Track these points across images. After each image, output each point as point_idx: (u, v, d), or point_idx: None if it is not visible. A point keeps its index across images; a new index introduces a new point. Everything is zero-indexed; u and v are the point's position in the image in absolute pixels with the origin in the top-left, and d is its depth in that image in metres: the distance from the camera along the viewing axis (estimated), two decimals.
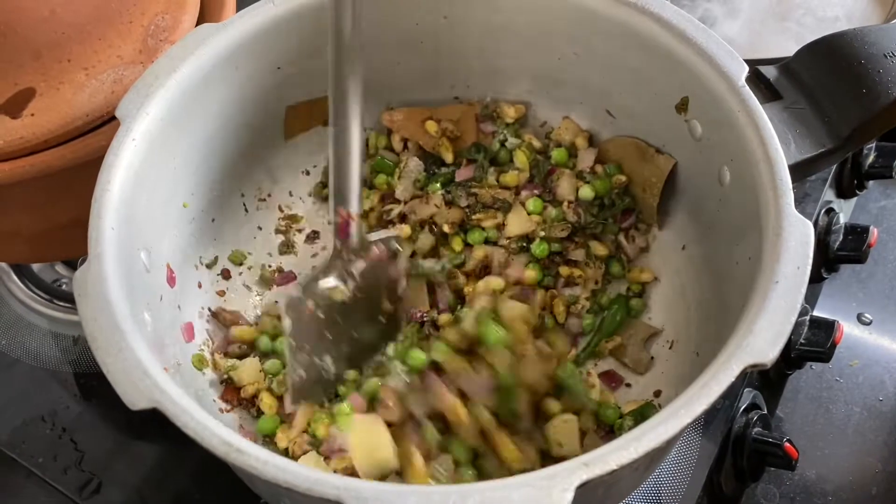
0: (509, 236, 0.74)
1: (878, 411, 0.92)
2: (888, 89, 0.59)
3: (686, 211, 0.70)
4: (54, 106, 0.65)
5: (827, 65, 0.62)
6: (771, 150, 0.55)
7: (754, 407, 0.81)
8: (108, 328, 0.49)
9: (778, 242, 0.50)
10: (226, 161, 0.71)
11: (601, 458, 0.42)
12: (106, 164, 0.57)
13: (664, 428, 0.44)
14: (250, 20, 0.66)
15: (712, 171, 0.63)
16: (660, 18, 0.63)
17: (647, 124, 0.71)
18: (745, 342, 0.46)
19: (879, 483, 0.87)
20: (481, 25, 0.73)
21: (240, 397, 0.67)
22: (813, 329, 0.84)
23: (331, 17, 0.59)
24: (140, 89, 0.60)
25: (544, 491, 0.41)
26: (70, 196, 0.68)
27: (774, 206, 0.52)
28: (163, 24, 0.71)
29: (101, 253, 0.52)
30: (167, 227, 0.64)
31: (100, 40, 0.68)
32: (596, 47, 0.69)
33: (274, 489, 0.51)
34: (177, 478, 0.76)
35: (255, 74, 0.68)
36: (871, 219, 1.07)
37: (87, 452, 0.78)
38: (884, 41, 0.62)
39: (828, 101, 0.61)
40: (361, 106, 0.62)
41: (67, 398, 0.82)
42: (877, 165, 0.98)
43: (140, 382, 0.46)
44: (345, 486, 0.42)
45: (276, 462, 0.43)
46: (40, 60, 0.66)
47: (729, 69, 0.59)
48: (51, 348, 0.87)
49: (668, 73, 0.64)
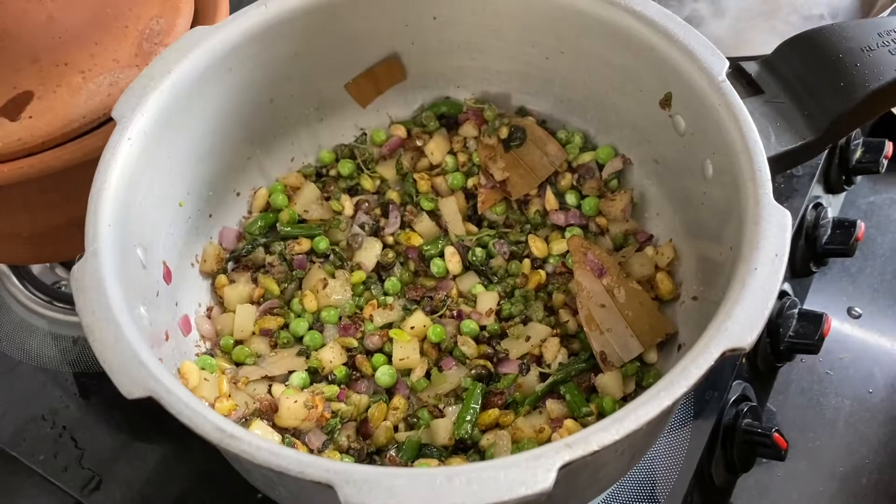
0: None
1: (869, 403, 0.93)
2: (865, 82, 0.61)
3: (673, 205, 0.71)
4: (52, 108, 0.67)
5: (806, 59, 0.64)
6: (750, 141, 0.56)
7: (744, 398, 0.82)
8: (104, 321, 0.50)
9: (756, 231, 0.52)
10: (221, 160, 0.73)
11: (584, 439, 0.43)
12: (102, 163, 0.58)
13: (645, 410, 0.45)
14: (243, 22, 0.67)
15: (696, 164, 0.64)
16: (643, 16, 0.64)
17: (633, 120, 0.72)
18: (724, 326, 0.48)
19: (870, 473, 0.89)
20: (470, 26, 0.74)
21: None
22: (802, 322, 0.85)
23: None
24: (135, 90, 0.62)
25: (530, 471, 0.43)
26: (68, 197, 0.69)
27: (754, 196, 0.54)
28: (157, 27, 0.73)
29: (97, 249, 0.54)
30: (163, 226, 0.66)
31: (96, 44, 0.70)
32: (582, 46, 0.71)
33: (267, 476, 0.53)
34: (177, 475, 0.77)
35: (248, 75, 0.70)
36: (860, 214, 1.08)
37: (87, 450, 0.79)
38: (861, 36, 0.63)
39: (807, 95, 0.63)
40: None
41: (67, 398, 0.84)
42: (864, 160, 0.99)
43: (136, 372, 0.48)
44: (335, 469, 0.43)
45: (269, 447, 0.45)
46: (38, 64, 0.68)
47: (710, 64, 0.61)
48: (51, 349, 0.88)
49: (652, 69, 0.66)
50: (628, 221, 0.74)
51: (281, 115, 0.77)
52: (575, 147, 0.77)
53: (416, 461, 0.63)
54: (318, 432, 0.64)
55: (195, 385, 0.61)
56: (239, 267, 0.75)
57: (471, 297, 0.73)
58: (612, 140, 0.77)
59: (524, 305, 0.71)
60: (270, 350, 0.70)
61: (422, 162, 0.80)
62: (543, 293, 0.73)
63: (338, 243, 0.77)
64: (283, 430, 0.64)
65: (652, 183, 0.74)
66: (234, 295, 0.72)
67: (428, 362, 0.69)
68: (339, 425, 0.65)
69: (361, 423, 0.66)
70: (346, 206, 0.78)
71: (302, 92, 0.76)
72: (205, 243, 0.74)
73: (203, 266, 0.73)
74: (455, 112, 0.81)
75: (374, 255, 0.75)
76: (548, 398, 0.66)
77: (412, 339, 0.69)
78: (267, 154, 0.78)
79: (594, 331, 0.67)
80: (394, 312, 0.72)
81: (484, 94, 0.81)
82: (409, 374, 0.68)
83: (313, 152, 0.81)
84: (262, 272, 0.75)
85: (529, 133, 0.77)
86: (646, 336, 0.66)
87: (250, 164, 0.77)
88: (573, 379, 0.67)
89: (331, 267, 0.74)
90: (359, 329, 0.71)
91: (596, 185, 0.76)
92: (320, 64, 0.75)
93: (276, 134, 0.78)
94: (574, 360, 0.68)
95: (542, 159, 0.76)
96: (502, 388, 0.67)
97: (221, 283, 0.73)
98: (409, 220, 0.77)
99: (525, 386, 0.67)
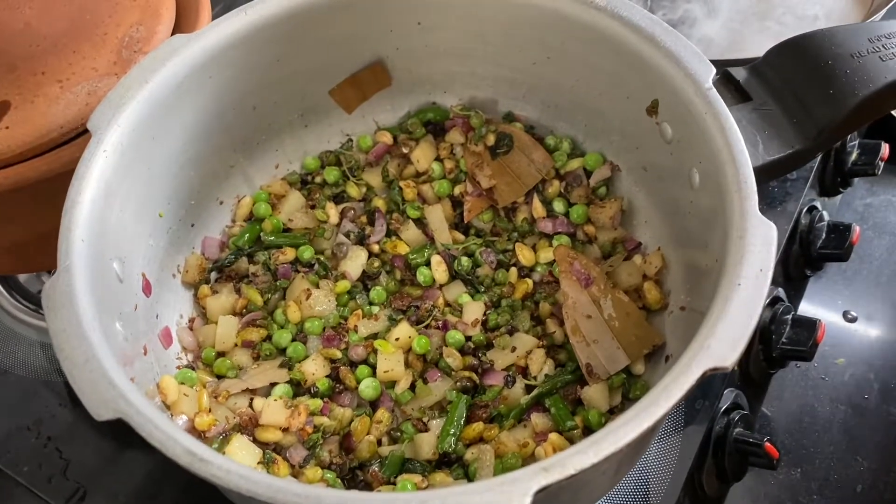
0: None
1: (864, 409, 0.92)
2: (855, 90, 0.59)
3: (661, 214, 0.70)
4: (29, 118, 0.66)
5: (795, 66, 0.63)
6: (736, 151, 0.55)
7: (736, 407, 0.81)
8: (75, 339, 0.49)
9: (741, 245, 0.51)
10: (203, 169, 0.72)
11: (560, 463, 0.43)
12: (76, 176, 0.57)
13: (624, 431, 0.44)
14: (223, 30, 0.66)
15: (684, 173, 0.63)
16: (628, 21, 0.63)
17: (621, 127, 0.71)
18: (707, 344, 0.46)
19: (865, 480, 0.87)
20: (455, 31, 0.73)
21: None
22: (795, 328, 0.84)
23: None
24: (111, 101, 0.61)
25: (504, 496, 0.42)
26: (49, 207, 0.67)
27: (739, 208, 0.53)
28: (137, 35, 0.72)
29: (70, 265, 0.53)
30: (142, 237, 0.65)
31: (74, 52, 0.69)
32: (569, 51, 0.70)
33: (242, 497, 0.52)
34: (163, 488, 0.76)
35: (229, 82, 0.69)
36: (856, 216, 1.07)
37: (72, 461, 0.79)
38: (851, 41, 0.62)
39: (796, 103, 0.61)
40: None
41: (55, 407, 0.83)
42: (860, 163, 0.97)
43: (106, 393, 0.47)
44: (306, 494, 0.42)
45: (240, 471, 0.44)
46: (15, 73, 0.67)
47: (696, 71, 0.59)
48: (38, 358, 0.88)
49: (638, 76, 0.64)
50: (617, 229, 0.73)
51: (265, 121, 0.76)
52: (563, 154, 0.76)
53: (398, 476, 0.62)
54: (299, 447, 0.63)
55: (174, 400, 0.61)
56: (222, 277, 0.74)
57: (457, 307, 0.72)
58: (601, 147, 0.76)
59: (511, 315, 0.70)
60: (252, 362, 0.69)
61: (408, 169, 0.79)
62: (530, 302, 0.72)
63: (323, 252, 0.76)
64: (264, 445, 0.63)
65: (640, 190, 0.73)
66: (216, 306, 0.71)
67: (413, 374, 0.68)
68: (321, 440, 0.64)
69: (344, 437, 0.65)
70: (331, 215, 0.77)
71: (286, 98, 0.75)
72: (187, 253, 0.73)
73: (185, 276, 0.72)
74: (442, 119, 0.80)
75: (360, 264, 0.74)
76: (533, 411, 0.65)
77: (397, 350, 0.68)
78: (250, 161, 0.77)
79: (580, 342, 0.66)
80: (379, 323, 0.71)
81: (471, 100, 0.80)
82: (394, 387, 0.68)
83: (298, 159, 0.80)
84: (246, 282, 0.74)
85: (516, 140, 0.76)
86: (632, 347, 0.65)
87: (234, 172, 0.76)
88: (559, 391, 0.66)
89: (315, 277, 0.73)
90: (343, 340, 0.70)
91: (584, 193, 0.75)
92: (304, 70, 0.74)
93: (260, 141, 0.77)
94: (560, 371, 0.67)
95: (529, 167, 0.75)
96: (487, 400, 0.66)
97: (204, 293, 0.72)
98: (395, 228, 0.76)
99: (510, 398, 0.66)
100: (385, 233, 0.76)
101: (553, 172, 0.76)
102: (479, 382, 0.67)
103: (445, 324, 0.70)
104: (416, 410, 0.66)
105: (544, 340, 0.69)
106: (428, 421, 0.66)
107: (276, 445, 0.63)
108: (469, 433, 0.63)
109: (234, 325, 0.70)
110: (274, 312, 0.72)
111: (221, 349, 0.70)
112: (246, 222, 0.77)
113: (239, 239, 0.74)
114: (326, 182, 0.79)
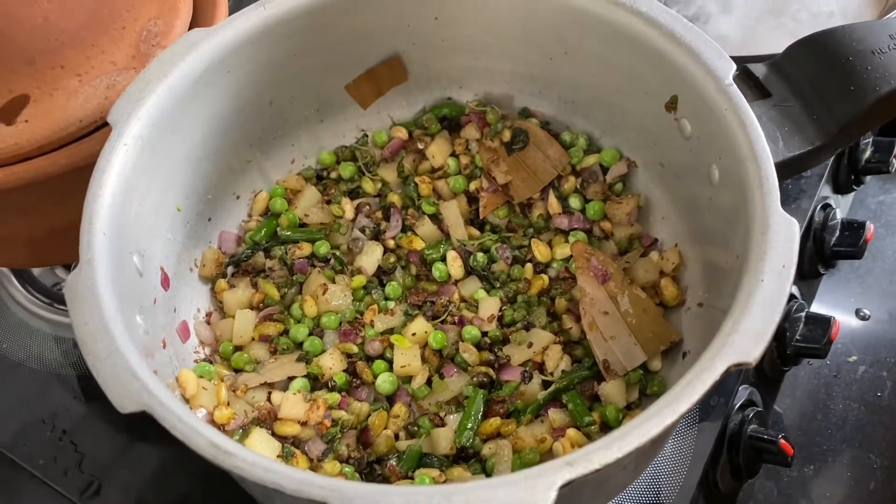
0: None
1: (877, 406, 0.92)
2: (876, 86, 0.59)
3: (678, 210, 0.70)
4: (48, 112, 0.66)
5: (815, 62, 0.62)
6: (757, 147, 0.55)
7: (750, 404, 0.81)
8: (98, 333, 0.49)
9: (763, 241, 0.51)
10: (220, 163, 0.72)
11: (585, 457, 0.43)
12: (97, 169, 0.57)
13: (648, 426, 0.44)
14: (241, 24, 0.66)
15: (702, 169, 0.63)
16: (647, 17, 0.63)
17: (639, 123, 0.71)
18: (730, 340, 0.47)
19: (878, 478, 0.87)
20: (472, 26, 0.73)
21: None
22: (809, 325, 0.84)
23: None
24: (131, 95, 0.61)
25: (528, 491, 0.42)
26: (66, 201, 0.68)
27: (761, 205, 0.53)
28: (155, 29, 0.72)
29: (92, 258, 0.53)
30: (161, 231, 0.65)
31: (93, 46, 0.69)
32: (586, 47, 0.70)
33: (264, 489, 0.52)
34: (177, 480, 0.77)
35: (247, 77, 0.69)
36: (869, 214, 1.07)
37: (87, 454, 0.79)
38: (872, 38, 0.61)
39: (816, 99, 0.61)
40: None
41: (68, 401, 0.83)
42: (873, 160, 0.97)
43: (129, 386, 0.47)
44: (330, 487, 0.42)
45: (264, 464, 0.44)
46: (34, 67, 0.67)
47: (717, 68, 0.59)
48: (52, 351, 0.88)
49: (657, 72, 0.64)
50: (633, 226, 0.73)
51: (281, 116, 0.76)
52: (579, 149, 0.76)
53: (416, 471, 0.62)
54: (317, 441, 0.63)
55: (193, 394, 0.61)
56: (239, 271, 0.75)
57: (472, 303, 0.72)
58: (617, 142, 0.75)
59: (526, 311, 0.70)
60: (270, 356, 0.69)
61: (423, 165, 0.79)
62: (546, 298, 0.72)
63: (338, 247, 0.76)
64: (282, 439, 0.63)
65: (657, 187, 0.72)
66: (233, 300, 0.71)
67: (429, 369, 0.68)
68: (339, 434, 0.64)
69: (362, 431, 0.65)
70: (346, 210, 0.77)
71: (302, 93, 0.75)
72: (204, 248, 0.73)
73: (202, 271, 0.72)
74: (457, 114, 0.80)
75: (375, 259, 0.74)
76: (550, 407, 0.65)
77: (413, 345, 0.68)
78: (267, 156, 0.77)
79: (597, 338, 0.66)
80: (395, 318, 0.71)
81: (487, 95, 0.80)
82: (410, 382, 0.68)
83: (314, 154, 0.80)
84: (262, 277, 0.74)
85: (532, 136, 0.76)
86: (650, 344, 0.65)
87: (250, 167, 0.76)
88: (576, 387, 0.66)
89: (331, 272, 0.73)
90: (359, 335, 0.70)
91: (600, 189, 0.75)
92: (320, 64, 0.74)
93: (276, 136, 0.77)
94: (577, 367, 0.67)
95: (545, 163, 0.75)
96: (504, 395, 0.66)
97: (221, 287, 0.72)
98: (410, 223, 0.76)
99: (527, 394, 0.66)
100: (400, 228, 0.76)
101: (569, 168, 0.76)
102: (496, 378, 0.67)
103: (461, 319, 0.70)
104: (433, 405, 0.67)
105: (561, 336, 0.69)
106: (445, 416, 0.66)
107: (294, 439, 0.63)
108: (486, 428, 0.63)
109: (251, 320, 0.70)
110: (290, 307, 0.72)
111: (239, 343, 0.70)
112: (262, 217, 0.77)
113: (255, 234, 0.74)
114: (342, 177, 0.79)
